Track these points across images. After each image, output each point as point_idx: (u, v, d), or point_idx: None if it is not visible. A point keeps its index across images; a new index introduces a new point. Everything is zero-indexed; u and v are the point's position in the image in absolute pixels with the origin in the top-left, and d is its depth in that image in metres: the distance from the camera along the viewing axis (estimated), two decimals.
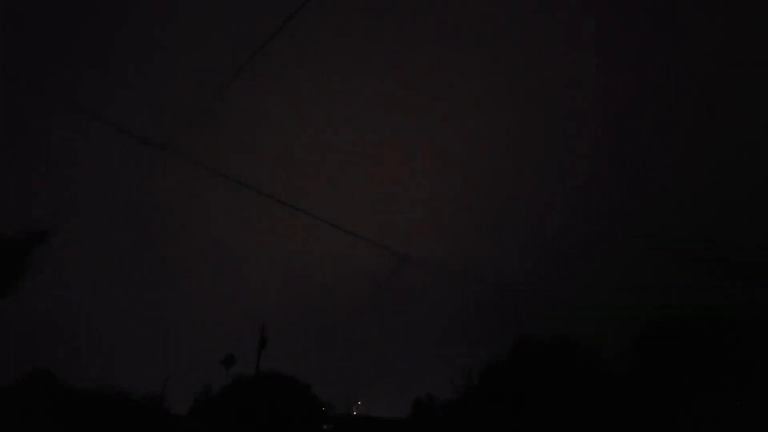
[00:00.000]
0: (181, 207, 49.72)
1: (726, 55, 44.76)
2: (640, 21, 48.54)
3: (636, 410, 18.94)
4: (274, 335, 27.98)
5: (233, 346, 30.44)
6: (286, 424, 23.35)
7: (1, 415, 18.16)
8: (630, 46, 49.51)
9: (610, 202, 47.82)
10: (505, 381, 23.86)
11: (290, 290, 48.55)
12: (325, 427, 27.56)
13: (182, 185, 47.74)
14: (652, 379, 19.68)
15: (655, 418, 18.47)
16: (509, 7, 49.00)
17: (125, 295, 39.72)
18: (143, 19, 45.79)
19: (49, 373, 22.21)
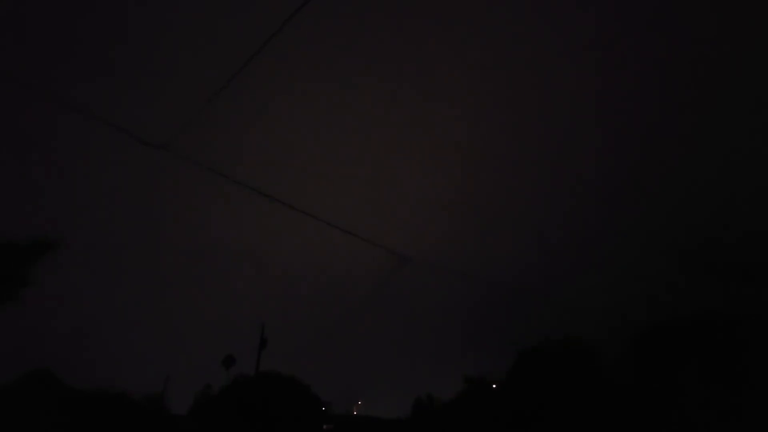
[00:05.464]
0: (181, 207, 49.69)
1: (727, 54, 44.73)
2: (641, 20, 48.51)
3: (634, 412, 18.93)
4: (274, 335, 28.05)
5: (233, 346, 30.50)
6: (286, 424, 23.36)
7: (1, 415, 18.16)
8: (630, 45, 49.51)
9: (610, 202, 47.84)
10: (505, 386, 23.92)
11: (290, 290, 48.57)
12: (325, 427, 27.58)
13: (182, 185, 47.74)
14: (651, 381, 19.68)
15: (653, 420, 18.47)
16: (510, 7, 48.98)
17: (125, 294, 39.73)
18: (143, 19, 45.79)
19: (49, 373, 22.22)
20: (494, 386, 26.54)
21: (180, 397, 28.22)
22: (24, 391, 20.40)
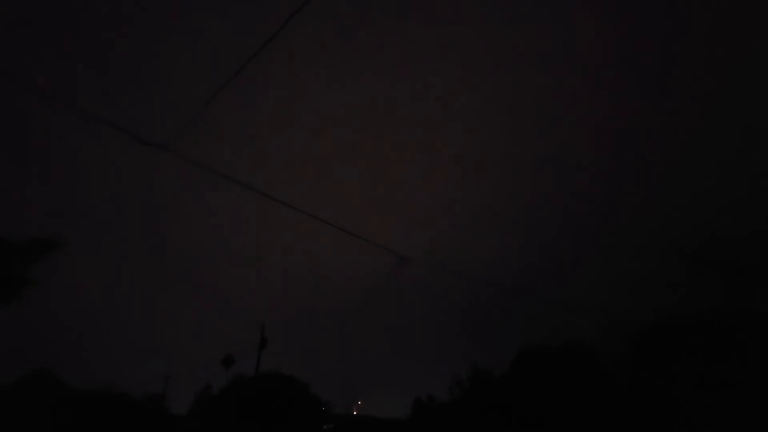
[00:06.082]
0: (181, 207, 49.71)
1: (726, 55, 44.78)
2: (640, 20, 48.53)
3: (634, 412, 18.94)
4: (274, 335, 28.04)
5: (233, 346, 30.49)
6: (286, 424, 23.35)
7: (1, 415, 18.18)
8: (629, 45, 49.51)
9: (609, 202, 47.84)
10: (504, 386, 23.90)
11: (290, 290, 48.58)
12: (325, 427, 27.58)
13: (182, 185, 47.75)
14: (650, 381, 19.68)
15: (653, 420, 18.48)
16: (509, 9, 48.97)
17: (125, 294, 39.74)
18: (143, 19, 45.80)
19: (50, 373, 22.23)
20: (494, 386, 26.52)
21: (180, 397, 28.27)
22: (24, 391, 20.41)
